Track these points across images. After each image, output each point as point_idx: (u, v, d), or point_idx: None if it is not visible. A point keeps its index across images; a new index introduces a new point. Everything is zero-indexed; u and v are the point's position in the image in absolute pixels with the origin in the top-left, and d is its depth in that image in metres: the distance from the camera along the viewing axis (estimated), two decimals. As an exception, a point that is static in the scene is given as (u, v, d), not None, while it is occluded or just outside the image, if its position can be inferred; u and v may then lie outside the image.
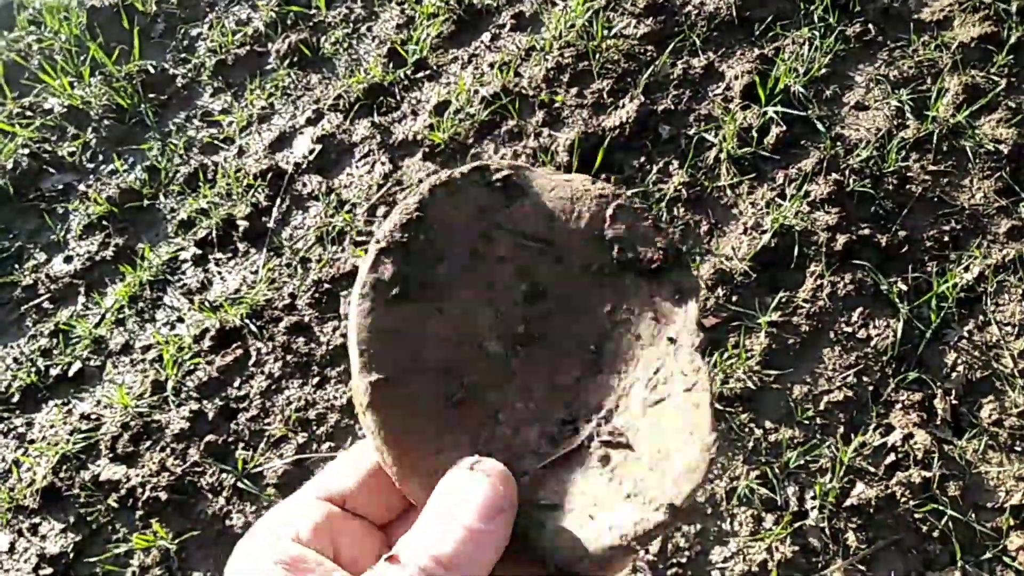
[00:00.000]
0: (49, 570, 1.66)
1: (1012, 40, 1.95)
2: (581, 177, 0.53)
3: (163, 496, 1.69)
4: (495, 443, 0.44)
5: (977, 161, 1.84)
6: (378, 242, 0.46)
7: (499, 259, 0.48)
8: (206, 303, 1.99)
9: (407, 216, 0.47)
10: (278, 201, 2.15)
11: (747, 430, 1.59)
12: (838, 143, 1.90)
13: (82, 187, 2.33)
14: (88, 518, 1.72)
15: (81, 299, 2.11)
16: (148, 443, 1.79)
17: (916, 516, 1.45)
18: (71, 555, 1.68)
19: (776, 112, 1.93)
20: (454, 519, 0.38)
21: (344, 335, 1.86)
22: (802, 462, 1.53)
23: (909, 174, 1.84)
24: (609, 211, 0.51)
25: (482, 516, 0.38)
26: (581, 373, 0.48)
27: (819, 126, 1.94)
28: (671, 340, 0.48)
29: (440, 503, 0.40)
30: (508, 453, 0.44)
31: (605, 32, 2.19)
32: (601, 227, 0.50)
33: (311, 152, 2.21)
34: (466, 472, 0.40)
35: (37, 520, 1.74)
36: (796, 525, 1.47)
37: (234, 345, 1.90)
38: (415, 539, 0.38)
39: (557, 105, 2.11)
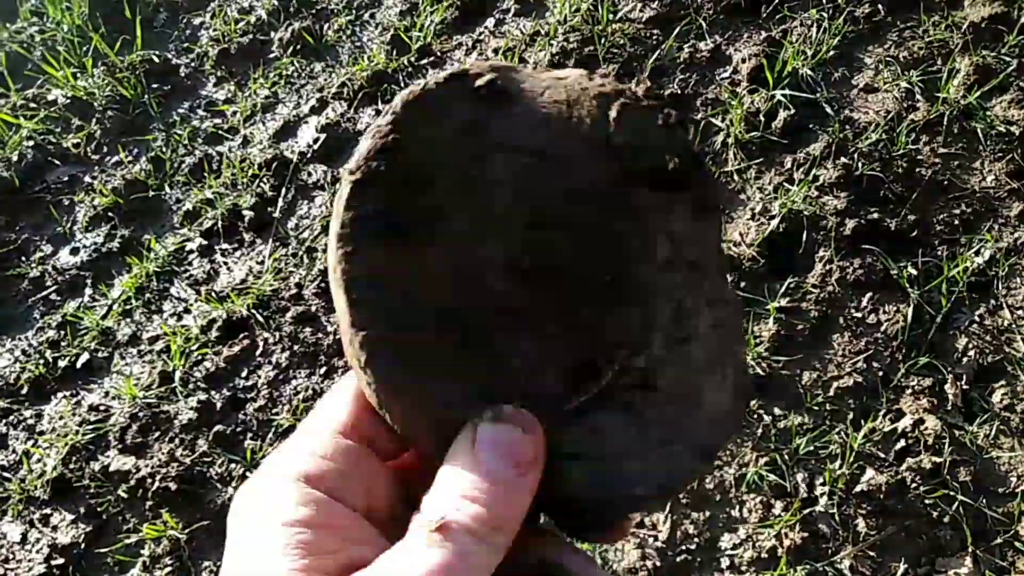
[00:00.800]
0: (61, 560, 1.67)
1: (1023, 20, 1.93)
2: (576, 73, 0.44)
3: (173, 486, 1.69)
4: (509, 390, 0.39)
5: (988, 143, 1.81)
6: (351, 173, 0.39)
7: (495, 182, 0.41)
8: (213, 294, 1.99)
9: (382, 140, 0.40)
10: (283, 191, 2.14)
11: (756, 416, 1.58)
12: (847, 126, 1.88)
13: (87, 179, 2.33)
14: (99, 509, 1.72)
15: (88, 291, 2.11)
16: (157, 434, 1.79)
17: (927, 502, 1.44)
18: (83, 545, 1.69)
19: (784, 95, 1.91)
20: (489, 474, 0.35)
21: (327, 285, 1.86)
22: (812, 448, 1.52)
23: (919, 157, 1.82)
24: (613, 112, 0.43)
25: (518, 468, 0.36)
26: (597, 307, 0.41)
27: (828, 109, 1.92)
28: (692, 265, 0.42)
29: (467, 458, 0.36)
30: (523, 401, 0.39)
31: (611, 16, 2.17)
32: (606, 132, 0.42)
33: (316, 141, 2.20)
34: (490, 424, 0.37)
35: (48, 511, 1.75)
36: (806, 511, 1.47)
37: (241, 335, 1.90)
38: (446, 500, 0.35)
39: (562, 91, 2.09)
